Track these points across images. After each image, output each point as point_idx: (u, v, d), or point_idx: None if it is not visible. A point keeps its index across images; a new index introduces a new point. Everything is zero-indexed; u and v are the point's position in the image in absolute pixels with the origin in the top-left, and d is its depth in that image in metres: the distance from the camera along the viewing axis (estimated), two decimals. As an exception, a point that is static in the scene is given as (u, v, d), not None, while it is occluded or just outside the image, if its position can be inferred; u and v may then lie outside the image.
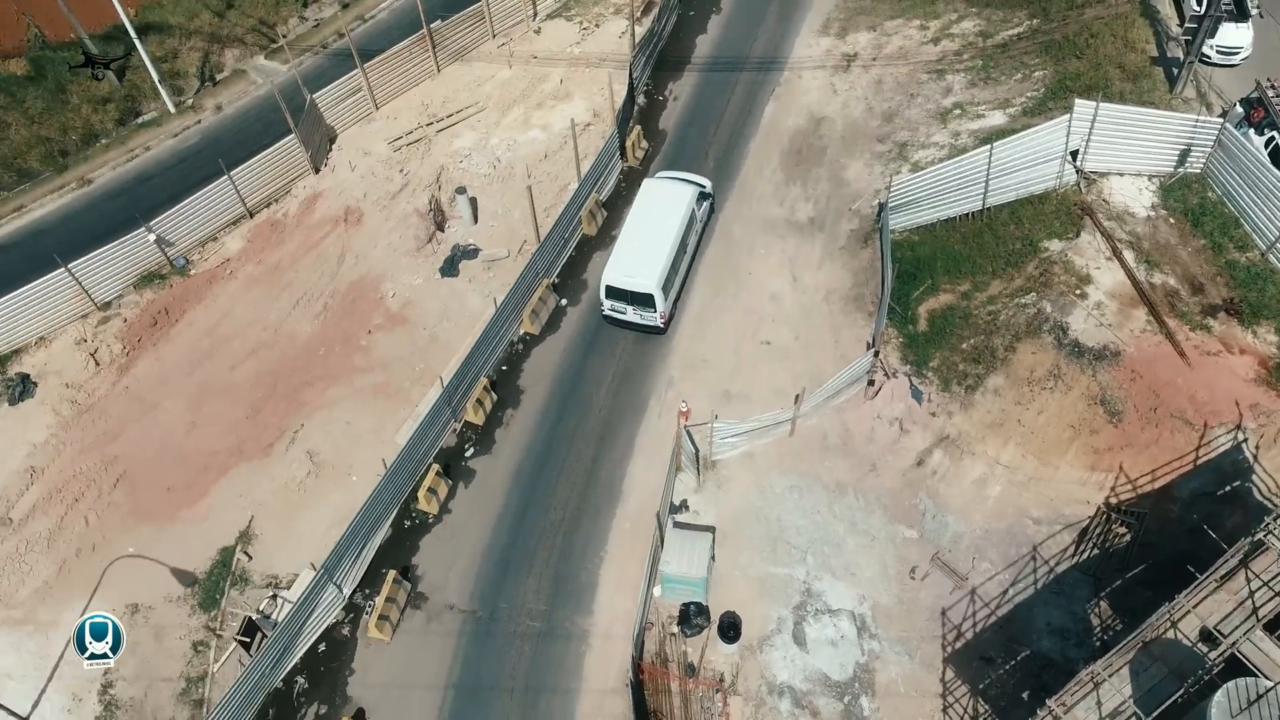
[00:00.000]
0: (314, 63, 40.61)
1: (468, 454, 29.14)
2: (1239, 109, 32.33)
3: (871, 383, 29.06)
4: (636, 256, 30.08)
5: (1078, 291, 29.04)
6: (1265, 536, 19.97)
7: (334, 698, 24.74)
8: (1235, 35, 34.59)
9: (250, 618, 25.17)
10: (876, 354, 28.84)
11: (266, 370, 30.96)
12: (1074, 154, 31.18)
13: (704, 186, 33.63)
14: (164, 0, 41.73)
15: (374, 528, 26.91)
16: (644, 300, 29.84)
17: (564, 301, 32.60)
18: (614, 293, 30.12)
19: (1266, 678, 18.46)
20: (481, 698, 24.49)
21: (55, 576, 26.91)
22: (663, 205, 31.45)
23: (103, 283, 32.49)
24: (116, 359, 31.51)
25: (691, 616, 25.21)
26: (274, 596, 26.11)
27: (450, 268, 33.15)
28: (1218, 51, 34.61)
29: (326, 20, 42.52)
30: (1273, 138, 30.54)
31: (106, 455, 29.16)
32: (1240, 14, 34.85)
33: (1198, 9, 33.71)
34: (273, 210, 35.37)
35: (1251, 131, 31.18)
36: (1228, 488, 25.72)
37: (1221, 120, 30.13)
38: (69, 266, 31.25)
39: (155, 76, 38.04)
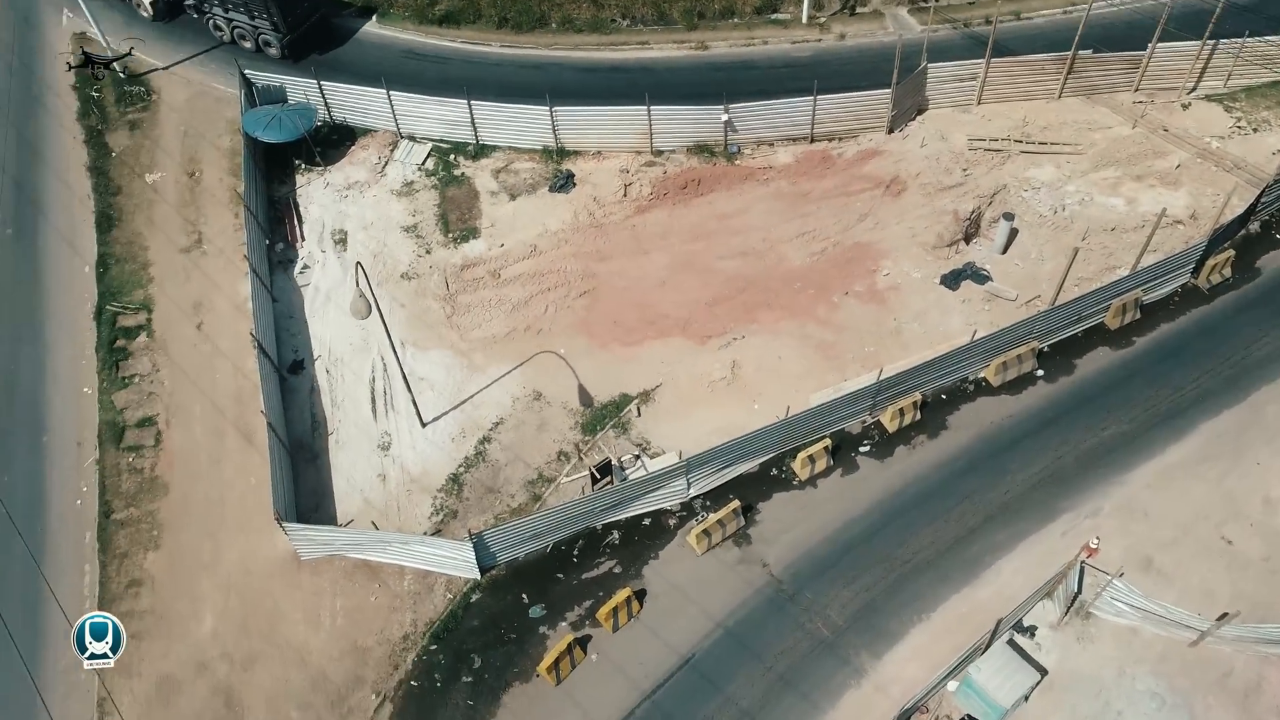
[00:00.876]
0: (947, 35, 41.03)
1: (862, 449, 29.19)
2: None
3: (1324, 655, 24.34)
4: None
5: None
6: None
7: (630, 567, 26.85)
8: None
9: (610, 461, 27.90)
10: (1352, 631, 24.01)
11: (744, 275, 33.08)
12: None
13: None
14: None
15: (745, 457, 28.20)
16: None
17: (1040, 372, 30.77)
18: None
19: None
20: (740, 653, 25.19)
21: (501, 337, 31.69)
22: None
23: (667, 133, 36.46)
24: (640, 199, 35.46)
25: (969, 732, 23.68)
26: (637, 456, 28.61)
27: (953, 280, 32.63)
28: None
29: (982, 1, 42.49)
30: None
31: (589, 270, 33.29)
32: None
33: None
34: (831, 145, 37.01)
35: None
36: None
37: None
38: (650, 108, 35.39)
39: (809, -27, 40.78)
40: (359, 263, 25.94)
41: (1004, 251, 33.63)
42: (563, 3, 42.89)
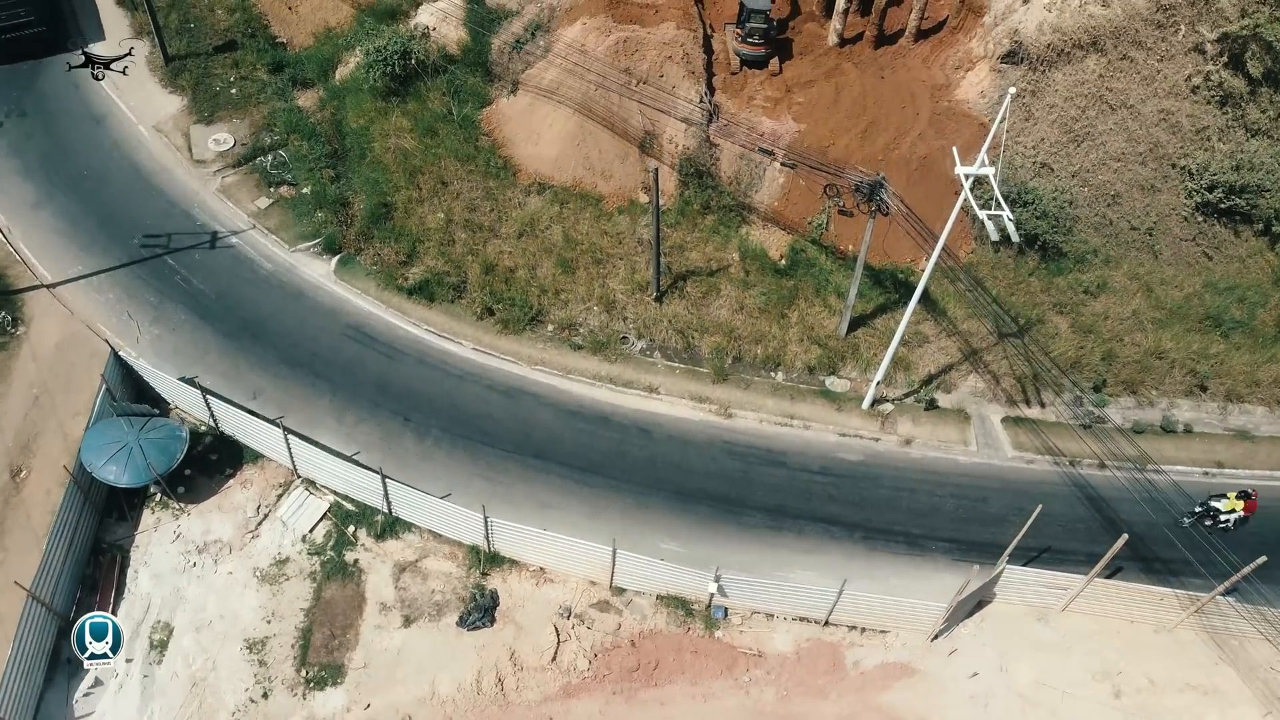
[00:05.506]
0: (1044, 471, 31.96)
1: None
2: None
3: None
4: None
5: None
6: None
7: None
8: None
9: None
10: None
11: None
12: None
13: None
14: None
15: None
16: None
17: None
18: None
19: None
20: None
21: None
22: None
23: (634, 574, 28.02)
24: (574, 670, 27.11)
25: None
26: None
27: None
28: None
29: (1105, 430, 33.48)
30: None
31: (468, 787, 25.00)
32: None
33: None
34: (847, 639, 28.24)
35: None
36: None
37: None
38: (615, 550, 27.14)
39: (887, 359, 31.81)
40: None
41: None
42: (569, 300, 34.81)
